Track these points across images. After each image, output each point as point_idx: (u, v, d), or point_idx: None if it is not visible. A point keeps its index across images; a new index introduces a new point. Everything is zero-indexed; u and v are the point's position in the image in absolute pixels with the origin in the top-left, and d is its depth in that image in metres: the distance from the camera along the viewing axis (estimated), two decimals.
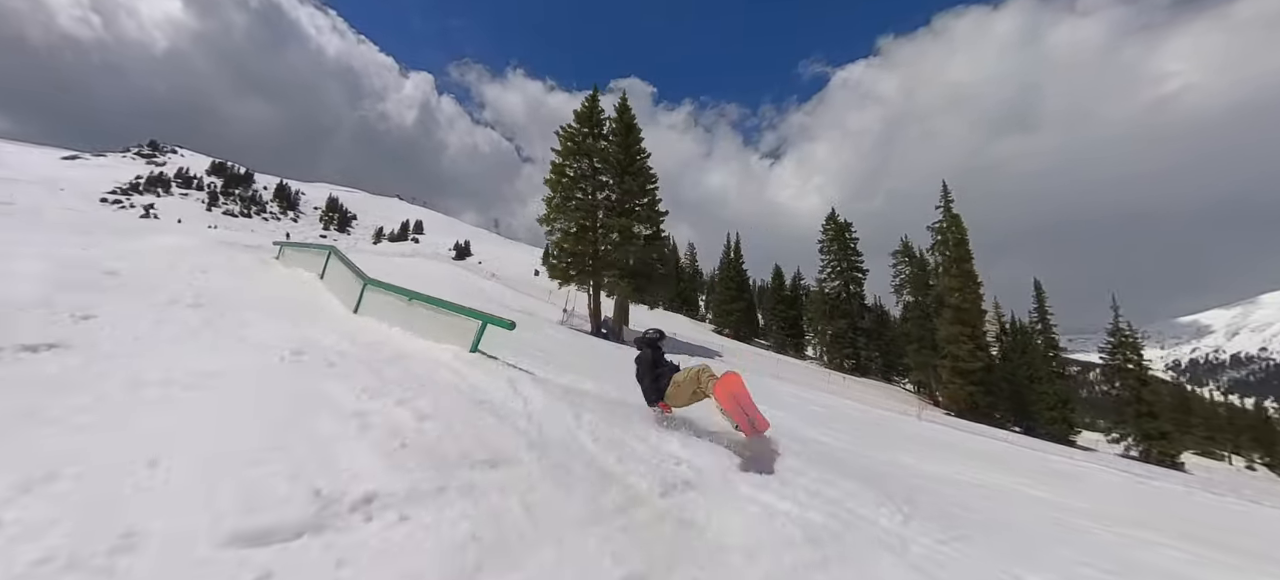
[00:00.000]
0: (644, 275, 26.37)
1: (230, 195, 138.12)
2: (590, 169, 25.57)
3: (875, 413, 17.17)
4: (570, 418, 3.56)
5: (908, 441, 10.77)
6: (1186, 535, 5.29)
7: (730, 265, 56.24)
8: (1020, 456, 12.78)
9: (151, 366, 2.88)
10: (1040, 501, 6.17)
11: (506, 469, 2.50)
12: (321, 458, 2.15)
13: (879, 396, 28.44)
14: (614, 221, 24.56)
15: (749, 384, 3.99)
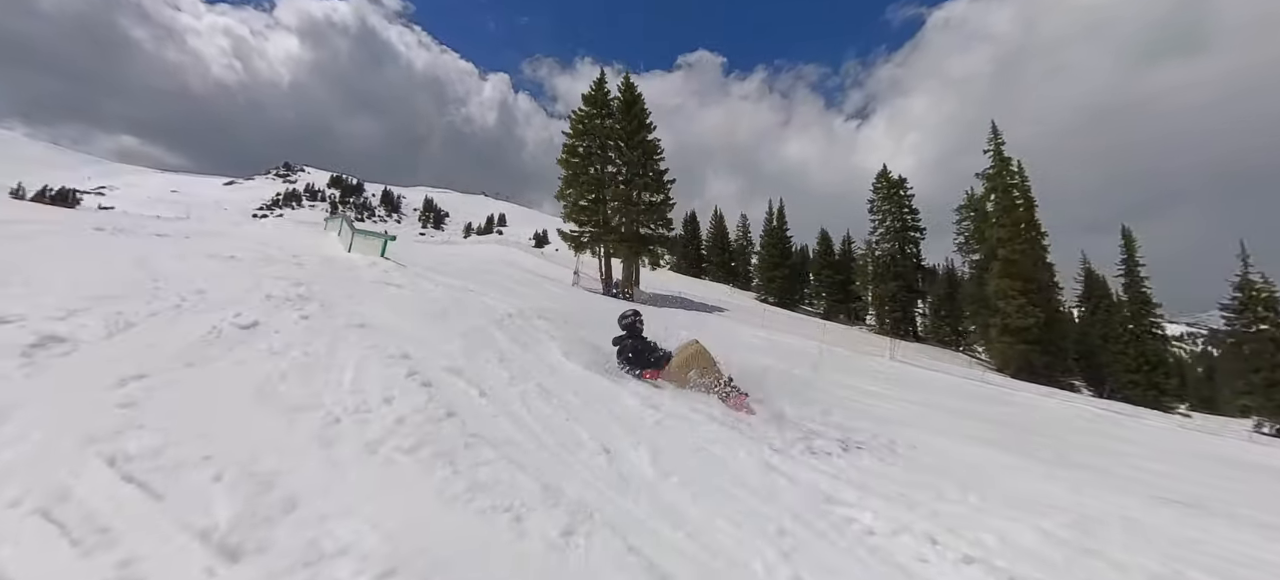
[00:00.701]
0: (651, 240, 28.87)
1: (346, 203, 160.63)
2: (599, 146, 28.44)
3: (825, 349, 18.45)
4: (413, 277, 6.67)
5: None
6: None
7: (773, 232, 56.08)
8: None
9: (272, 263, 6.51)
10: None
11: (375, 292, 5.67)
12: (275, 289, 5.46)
13: (920, 358, 28.14)
14: (618, 191, 27.29)
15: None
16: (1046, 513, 2.69)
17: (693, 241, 66.34)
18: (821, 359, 14.02)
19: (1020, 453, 4.52)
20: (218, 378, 2.55)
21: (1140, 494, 3.81)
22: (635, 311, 4.89)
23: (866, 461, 3.08)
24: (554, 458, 2.45)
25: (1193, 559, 2.39)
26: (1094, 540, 2.42)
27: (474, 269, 19.84)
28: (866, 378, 11.04)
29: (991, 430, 5.69)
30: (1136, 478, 4.75)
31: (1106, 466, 4.69)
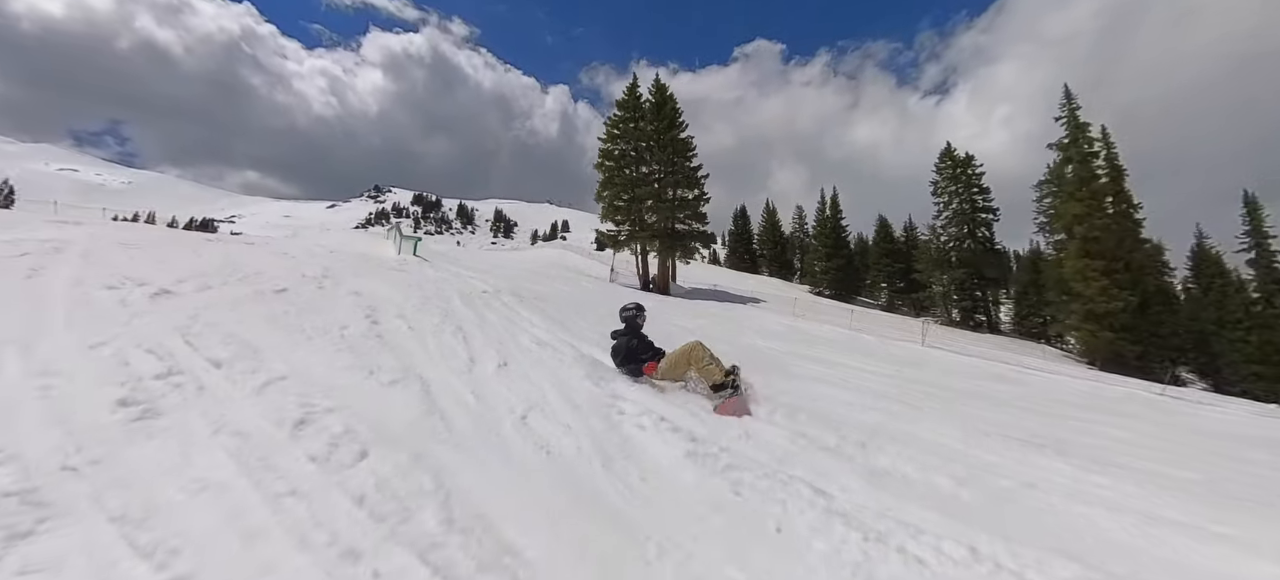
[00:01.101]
0: (686, 235, 29.92)
1: (427, 218, 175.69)
2: (633, 148, 29.97)
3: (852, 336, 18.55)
4: (420, 265, 8.63)
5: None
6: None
7: (825, 222, 54.45)
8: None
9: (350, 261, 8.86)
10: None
11: (374, 274, 7.70)
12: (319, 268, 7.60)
13: (989, 349, 26.73)
14: (651, 190, 28.66)
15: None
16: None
17: (743, 235, 65.97)
18: (818, 339, 14.47)
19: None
20: (251, 313, 4.32)
21: (987, 431, 4.60)
22: (637, 306, 4.66)
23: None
24: (428, 358, 3.94)
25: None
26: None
27: (511, 267, 22.14)
28: (845, 354, 11.51)
29: (927, 398, 6.31)
30: (1018, 423, 5.40)
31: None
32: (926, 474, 2.94)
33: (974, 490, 2.80)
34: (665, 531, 1.95)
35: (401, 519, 1.76)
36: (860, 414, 4.39)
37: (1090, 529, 2.52)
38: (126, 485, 1.73)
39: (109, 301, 3.99)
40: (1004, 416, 5.64)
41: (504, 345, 4.66)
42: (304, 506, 1.74)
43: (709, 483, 2.40)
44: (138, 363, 2.84)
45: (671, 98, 30.72)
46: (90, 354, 2.89)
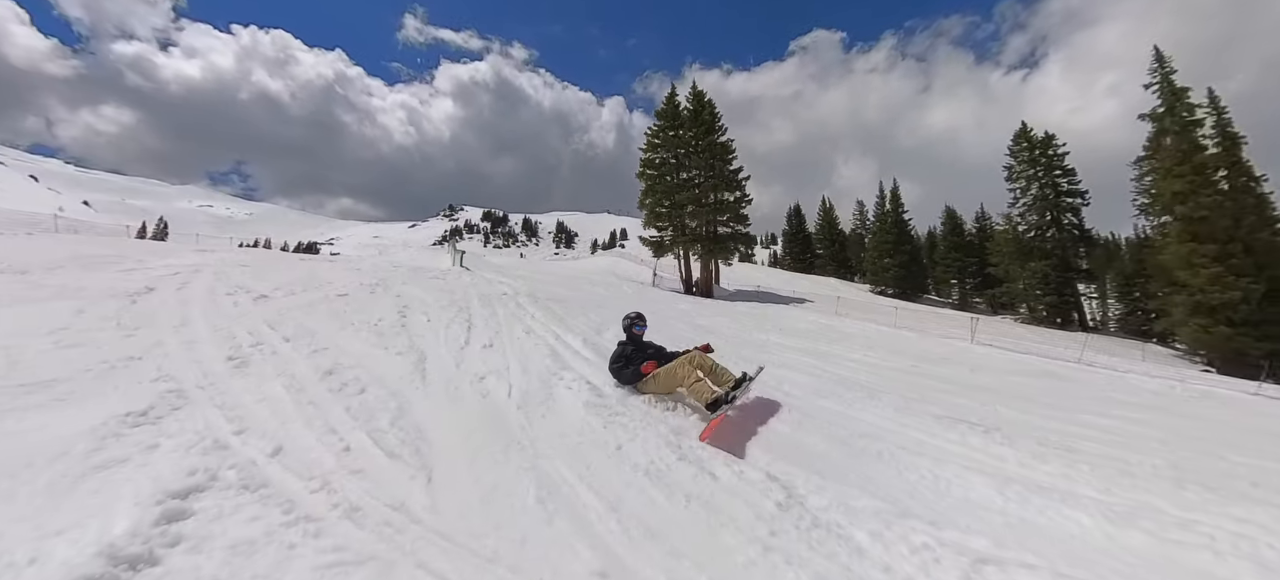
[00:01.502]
0: (728, 238, 30.38)
1: (496, 233, 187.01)
2: (672, 157, 30.96)
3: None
4: (464, 274, 10.31)
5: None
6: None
7: (885, 216, 51.90)
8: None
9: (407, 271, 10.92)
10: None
11: (419, 281, 9.46)
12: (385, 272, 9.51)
13: (1066, 347, 24.89)
14: (688, 196, 29.46)
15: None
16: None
17: (798, 235, 64.35)
18: (844, 336, 14.58)
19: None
20: (317, 310, 5.90)
21: (938, 416, 5.15)
22: (638, 314, 4.64)
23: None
24: (433, 340, 5.25)
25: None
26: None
27: (555, 274, 23.86)
28: (860, 349, 11.72)
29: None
30: (985, 411, 5.79)
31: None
32: (809, 435, 3.59)
33: (845, 451, 3.38)
34: (532, 443, 2.98)
35: (367, 420, 2.96)
36: (802, 395, 5.09)
37: (935, 483, 2.97)
38: (226, 395, 3.08)
39: (227, 303, 5.71)
40: (979, 405, 5.78)
41: (498, 334, 5.90)
42: (316, 410, 2.99)
43: (589, 421, 3.38)
44: (240, 337, 4.36)
45: (709, 104, 31.40)
46: (214, 332, 4.45)
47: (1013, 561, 2.14)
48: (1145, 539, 2.52)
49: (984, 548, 2.25)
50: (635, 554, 1.88)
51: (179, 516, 1.72)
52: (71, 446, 2.15)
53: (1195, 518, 2.76)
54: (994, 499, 2.85)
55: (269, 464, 2.25)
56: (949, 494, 2.90)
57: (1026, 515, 2.70)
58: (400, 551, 1.74)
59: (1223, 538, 2.54)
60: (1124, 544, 2.49)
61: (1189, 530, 2.61)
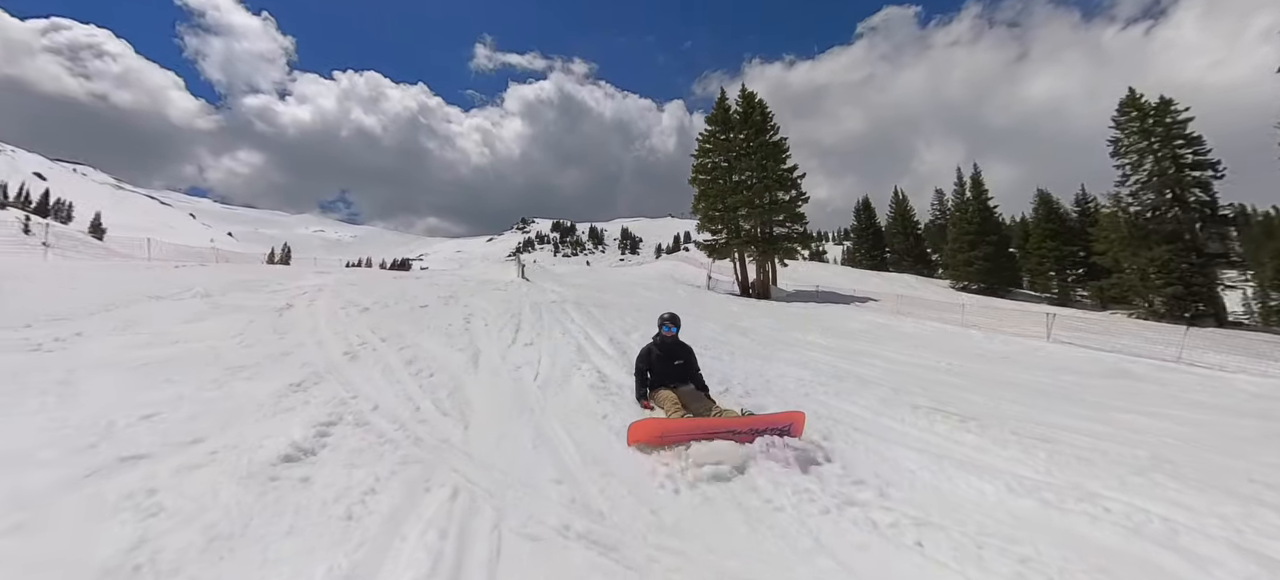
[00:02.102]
0: (783, 238, 30.24)
1: (564, 242, 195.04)
2: (724, 160, 31.41)
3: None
4: (525, 285, 11.97)
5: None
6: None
7: (965, 206, 48.09)
8: None
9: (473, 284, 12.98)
10: None
11: (484, 293, 11.23)
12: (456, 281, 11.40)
13: (1170, 346, 22.43)
14: (741, 198, 29.74)
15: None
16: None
17: (868, 230, 61.23)
18: (892, 335, 14.46)
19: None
20: (404, 319, 7.54)
21: (919, 406, 5.68)
22: (670, 316, 4.59)
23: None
24: (488, 340, 6.60)
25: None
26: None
27: (610, 281, 25.29)
28: (902, 348, 11.74)
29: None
30: (989, 405, 6.13)
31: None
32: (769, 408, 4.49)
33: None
34: (542, 410, 4.10)
35: (432, 392, 4.26)
36: (790, 385, 5.81)
37: (879, 459, 3.49)
38: (345, 375, 4.54)
39: (341, 314, 7.51)
40: (985, 399, 6.05)
41: (539, 335, 7.17)
42: (401, 386, 4.36)
43: (587, 398, 4.46)
44: (351, 339, 5.96)
45: (760, 104, 31.47)
46: (334, 335, 6.11)
47: (903, 515, 2.61)
48: (1033, 506, 2.88)
49: (870, 499, 2.76)
50: (582, 471, 2.91)
51: (324, 434, 3.03)
52: (264, 401, 3.61)
53: (1116, 497, 2.96)
54: (919, 472, 3.31)
55: (371, 414, 3.57)
56: (881, 466, 3.37)
57: (939, 484, 3.14)
58: (441, 460, 2.92)
59: (1119, 513, 2.76)
60: (1010, 508, 2.86)
61: (1092, 505, 2.84)
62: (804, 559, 2.16)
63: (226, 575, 1.76)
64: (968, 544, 2.39)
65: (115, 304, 6.63)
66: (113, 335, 5.13)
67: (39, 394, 3.41)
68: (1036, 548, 2.39)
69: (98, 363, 4.20)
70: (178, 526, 2.00)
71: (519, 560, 1.96)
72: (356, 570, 1.83)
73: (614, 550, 2.07)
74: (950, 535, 2.45)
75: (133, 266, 12.97)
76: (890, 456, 3.59)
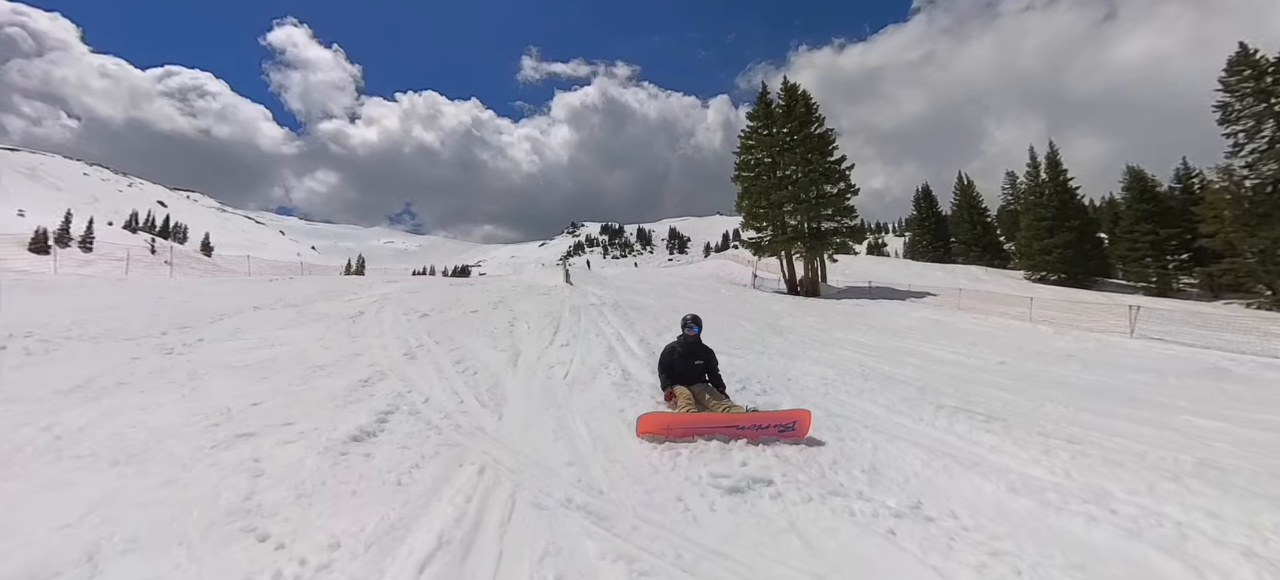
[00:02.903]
0: (832, 233, 29.35)
1: (613, 245, 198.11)
2: (768, 156, 30.94)
3: None
4: (568, 289, 12.74)
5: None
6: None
7: (1039, 188, 44.16)
8: None
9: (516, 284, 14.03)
10: None
11: (529, 297, 12.08)
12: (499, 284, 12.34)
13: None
14: (786, 194, 29.17)
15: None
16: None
17: (929, 220, 57.68)
18: (945, 331, 13.86)
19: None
20: (456, 323, 8.36)
21: (942, 406, 5.68)
22: (693, 317, 4.86)
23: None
24: (528, 341, 7.23)
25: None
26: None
27: (652, 282, 25.68)
28: (951, 346, 11.29)
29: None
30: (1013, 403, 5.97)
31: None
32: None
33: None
34: (567, 404, 4.59)
35: (475, 388, 4.88)
36: (812, 384, 5.95)
37: (881, 455, 3.60)
38: (404, 373, 5.27)
39: (403, 320, 8.45)
40: (1025, 400, 5.80)
41: (575, 336, 7.73)
42: (449, 382, 5.02)
43: (609, 394, 4.89)
44: (411, 341, 6.79)
45: (803, 96, 30.72)
46: (397, 339, 6.97)
47: (882, 507, 2.73)
48: (1030, 505, 2.85)
49: (855, 490, 2.90)
50: (592, 456, 3.35)
51: (384, 420, 3.69)
52: (339, 394, 4.36)
53: (1131, 501, 2.86)
54: (919, 469, 3.34)
55: (423, 406, 4.21)
56: (878, 461, 3.43)
57: (935, 481, 3.18)
58: (474, 443, 3.46)
59: (1125, 516, 2.68)
60: (1003, 506, 2.86)
61: (1099, 507, 2.78)
62: (773, 538, 2.42)
63: (309, 516, 2.35)
64: (940, 536, 2.46)
65: (226, 314, 7.89)
66: (225, 341, 6.21)
67: (176, 387, 4.33)
68: (1016, 544, 2.42)
69: (215, 363, 5.17)
70: (275, 484, 2.64)
71: (526, 522, 2.42)
72: (402, 519, 2.36)
73: (605, 520, 2.47)
74: (927, 529, 2.53)
75: (236, 280, 14.97)
76: (892, 453, 3.67)
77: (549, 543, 2.22)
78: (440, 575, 1.95)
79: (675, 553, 2.18)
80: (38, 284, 11.85)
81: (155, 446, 3.03)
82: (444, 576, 1.95)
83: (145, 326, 6.61)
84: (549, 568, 2.04)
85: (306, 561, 2.00)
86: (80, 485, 2.54)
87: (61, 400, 3.82)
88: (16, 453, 2.88)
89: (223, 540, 2.14)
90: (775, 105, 31.25)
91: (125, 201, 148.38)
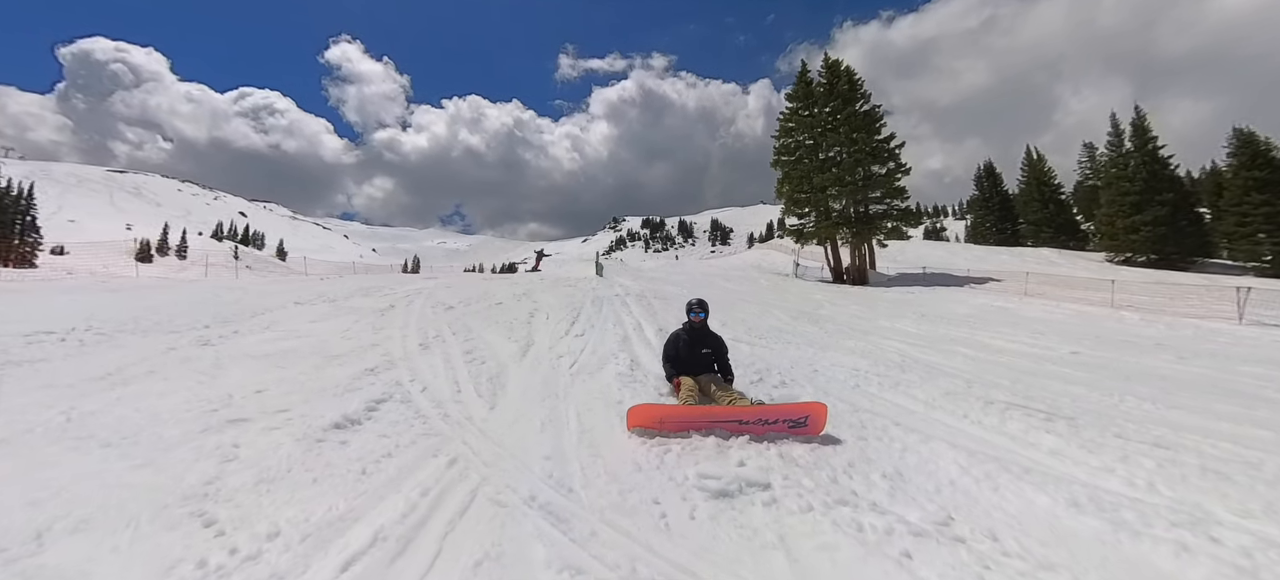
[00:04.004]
0: (881, 216, 27.60)
1: (654, 238, 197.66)
2: (809, 138, 29.48)
3: None
4: (595, 281, 12.68)
5: None
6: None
7: (1122, 160, 39.60)
8: None
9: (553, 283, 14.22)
10: None
11: (555, 289, 12.13)
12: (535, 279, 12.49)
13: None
14: (829, 177, 27.69)
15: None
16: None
17: (993, 200, 53.20)
18: (1008, 319, 12.63)
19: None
20: (479, 315, 8.42)
21: (993, 401, 5.09)
22: (698, 302, 4.63)
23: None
24: (544, 332, 7.13)
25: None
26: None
27: (686, 274, 25.13)
28: (1011, 336, 10.18)
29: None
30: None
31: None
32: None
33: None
34: (566, 395, 4.41)
35: (477, 378, 4.80)
36: (841, 376, 5.43)
37: (908, 456, 3.17)
38: (413, 363, 5.30)
39: (428, 312, 8.61)
40: (1102, 395, 5.02)
41: (592, 327, 7.56)
42: (454, 372, 4.98)
43: (612, 385, 4.67)
44: (429, 333, 6.87)
45: (846, 72, 28.99)
46: (417, 330, 7.07)
47: (900, 521, 2.32)
48: (1100, 526, 2.37)
49: (871, 500, 2.53)
50: (574, 451, 3.15)
51: (374, 408, 3.67)
52: (342, 382, 4.39)
53: (1243, 526, 2.33)
54: (956, 476, 2.88)
55: (419, 395, 4.16)
56: (906, 465, 3.02)
57: (975, 491, 2.72)
58: (457, 433, 3.34)
59: (1232, 547, 2.17)
60: (1062, 526, 2.39)
61: (1194, 532, 2.26)
62: (754, 555, 2.09)
63: (262, 504, 2.28)
64: (971, 564, 2.03)
65: (267, 309, 8.33)
66: (257, 333, 6.51)
67: (196, 374, 4.51)
68: (1073, 576, 1.97)
69: (240, 353, 5.40)
70: (242, 469, 2.61)
71: (478, 520, 2.24)
72: (350, 511, 2.24)
73: (565, 522, 2.24)
74: (955, 553, 2.09)
75: (290, 279, 15.95)
76: (924, 455, 3.21)
77: (493, 545, 2.02)
78: (362, 576, 1.78)
79: (631, 566, 1.92)
80: (118, 284, 13.10)
81: (148, 430, 3.10)
82: (366, 578, 1.78)
83: (192, 321, 7.06)
84: (484, 576, 1.83)
85: (237, 551, 1.91)
86: (65, 465, 2.61)
87: (90, 386, 4.06)
88: (28, 433, 3.03)
89: (169, 524, 2.09)
90: (816, 84, 29.69)
91: (212, 213, 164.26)
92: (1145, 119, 39.31)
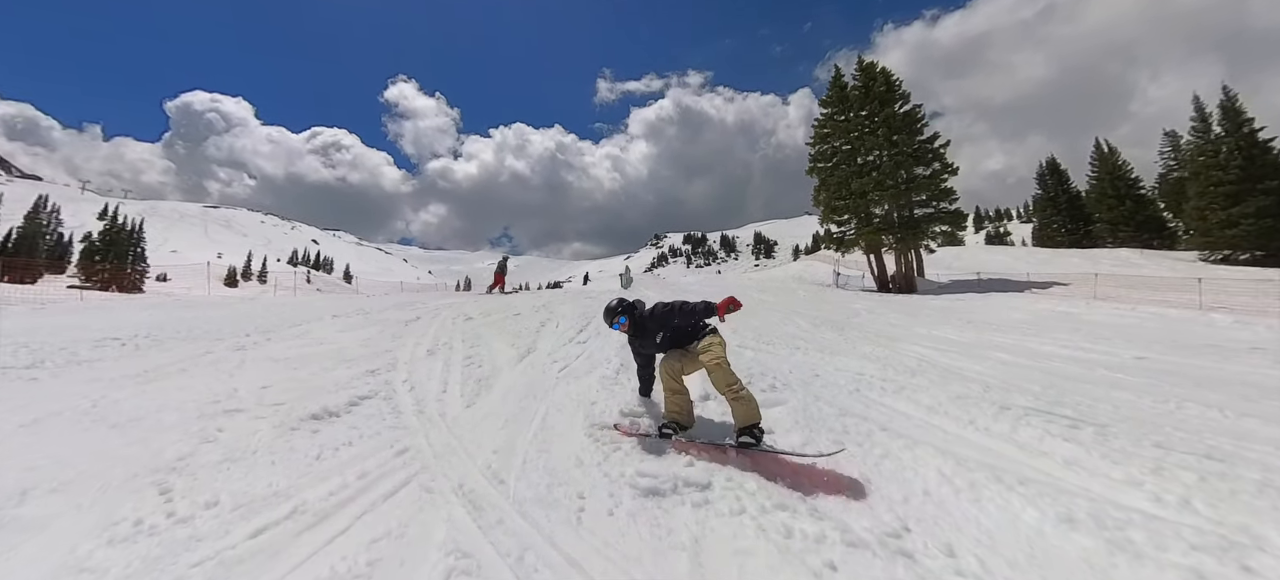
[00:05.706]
0: (926, 219, 26.15)
1: (696, 253, 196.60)
2: (846, 144, 28.55)
3: None
4: (618, 292, 12.84)
5: None
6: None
7: (1212, 147, 35.39)
8: None
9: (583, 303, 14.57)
10: None
11: (574, 301, 12.37)
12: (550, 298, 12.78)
13: None
14: (869, 181, 26.61)
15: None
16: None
17: (1058, 198, 48.97)
18: (1067, 323, 11.59)
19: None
20: (493, 326, 8.72)
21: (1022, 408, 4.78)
22: (610, 309, 4.10)
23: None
24: (549, 341, 7.27)
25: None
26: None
27: (723, 285, 24.71)
28: (1070, 339, 9.29)
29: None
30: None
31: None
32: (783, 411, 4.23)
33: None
34: (546, 396, 4.49)
35: (466, 380, 4.97)
36: (842, 381, 5.18)
37: (887, 462, 2.96)
38: (412, 366, 5.57)
39: (449, 323, 9.00)
40: (1155, 402, 4.50)
41: (596, 335, 7.62)
42: (448, 374, 5.19)
43: (594, 388, 4.71)
44: (440, 340, 7.19)
45: (883, 73, 27.98)
46: (430, 339, 7.41)
47: (832, 528, 2.19)
48: (1091, 546, 2.13)
49: (808, 507, 2.40)
50: (526, 446, 3.21)
51: (356, 403, 3.92)
52: (342, 381, 4.69)
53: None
54: (935, 485, 2.70)
55: (405, 393, 4.37)
56: (876, 472, 2.86)
57: (952, 502, 2.53)
58: (424, 427, 3.48)
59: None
60: (1048, 545, 2.16)
61: (1222, 559, 1.98)
62: (656, 556, 2.00)
63: (216, 478, 2.48)
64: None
65: (305, 321, 9.01)
66: (287, 341, 7.05)
67: (219, 373, 4.96)
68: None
69: (264, 357, 5.87)
70: (214, 449, 2.86)
71: (400, 502, 2.33)
72: (288, 488, 2.39)
73: (480, 510, 2.30)
74: (891, 568, 1.94)
75: (340, 296, 17.13)
76: (904, 461, 3.00)
77: (399, 525, 2.09)
78: (267, 545, 1.91)
79: (519, 554, 1.94)
80: (191, 301, 14.57)
81: (153, 416, 3.45)
82: (270, 546, 1.90)
83: (236, 330, 7.75)
84: (375, 551, 1.90)
85: (174, 513, 2.09)
86: (70, 440, 2.96)
87: (126, 380, 4.57)
88: (56, 416, 3.45)
89: (132, 490, 2.33)
90: (851, 87, 28.86)
91: (289, 241, 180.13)
92: (1236, 100, 35.16)
